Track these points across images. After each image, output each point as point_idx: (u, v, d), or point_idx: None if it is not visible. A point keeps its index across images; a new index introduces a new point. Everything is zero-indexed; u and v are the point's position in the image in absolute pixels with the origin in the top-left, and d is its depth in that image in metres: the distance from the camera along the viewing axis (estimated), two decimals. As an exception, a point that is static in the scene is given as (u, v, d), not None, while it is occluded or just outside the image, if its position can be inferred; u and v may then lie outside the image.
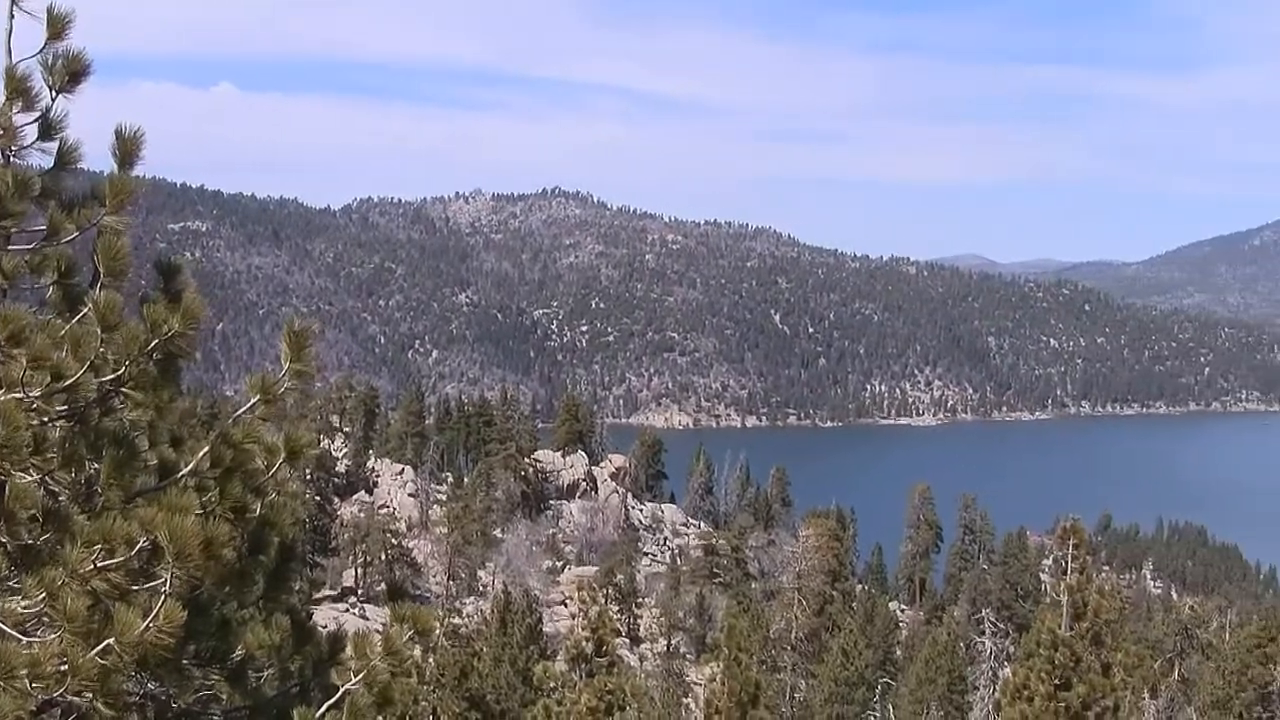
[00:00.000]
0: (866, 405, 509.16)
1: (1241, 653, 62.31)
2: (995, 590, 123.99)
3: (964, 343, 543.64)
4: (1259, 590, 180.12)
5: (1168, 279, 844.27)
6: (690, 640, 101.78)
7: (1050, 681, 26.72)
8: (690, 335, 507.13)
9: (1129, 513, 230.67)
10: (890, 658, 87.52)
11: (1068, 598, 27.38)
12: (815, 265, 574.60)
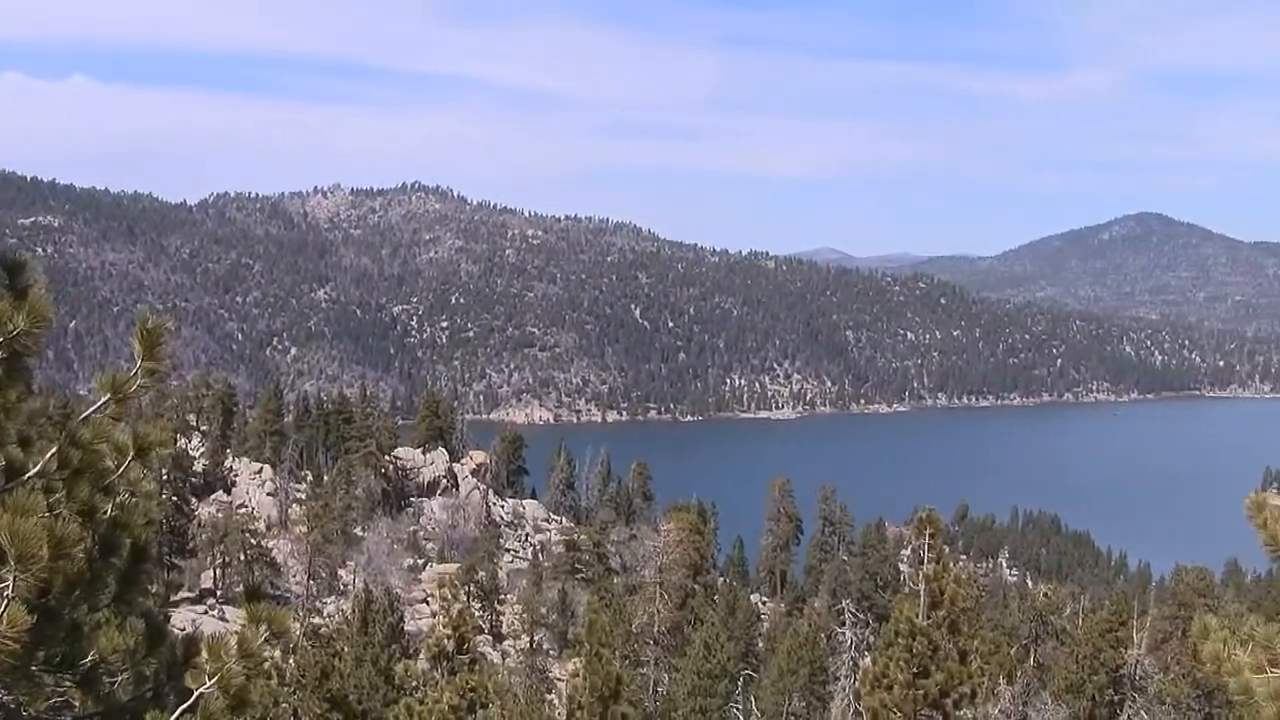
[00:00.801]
0: (726, 399, 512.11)
1: (1094, 637, 63.43)
2: (855, 581, 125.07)
3: (822, 336, 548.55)
4: (1110, 576, 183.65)
5: (1021, 273, 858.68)
6: (553, 636, 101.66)
7: (909, 670, 26.97)
8: (550, 330, 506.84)
9: (985, 503, 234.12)
10: (752, 650, 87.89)
11: (925, 587, 27.65)
12: (675, 260, 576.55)
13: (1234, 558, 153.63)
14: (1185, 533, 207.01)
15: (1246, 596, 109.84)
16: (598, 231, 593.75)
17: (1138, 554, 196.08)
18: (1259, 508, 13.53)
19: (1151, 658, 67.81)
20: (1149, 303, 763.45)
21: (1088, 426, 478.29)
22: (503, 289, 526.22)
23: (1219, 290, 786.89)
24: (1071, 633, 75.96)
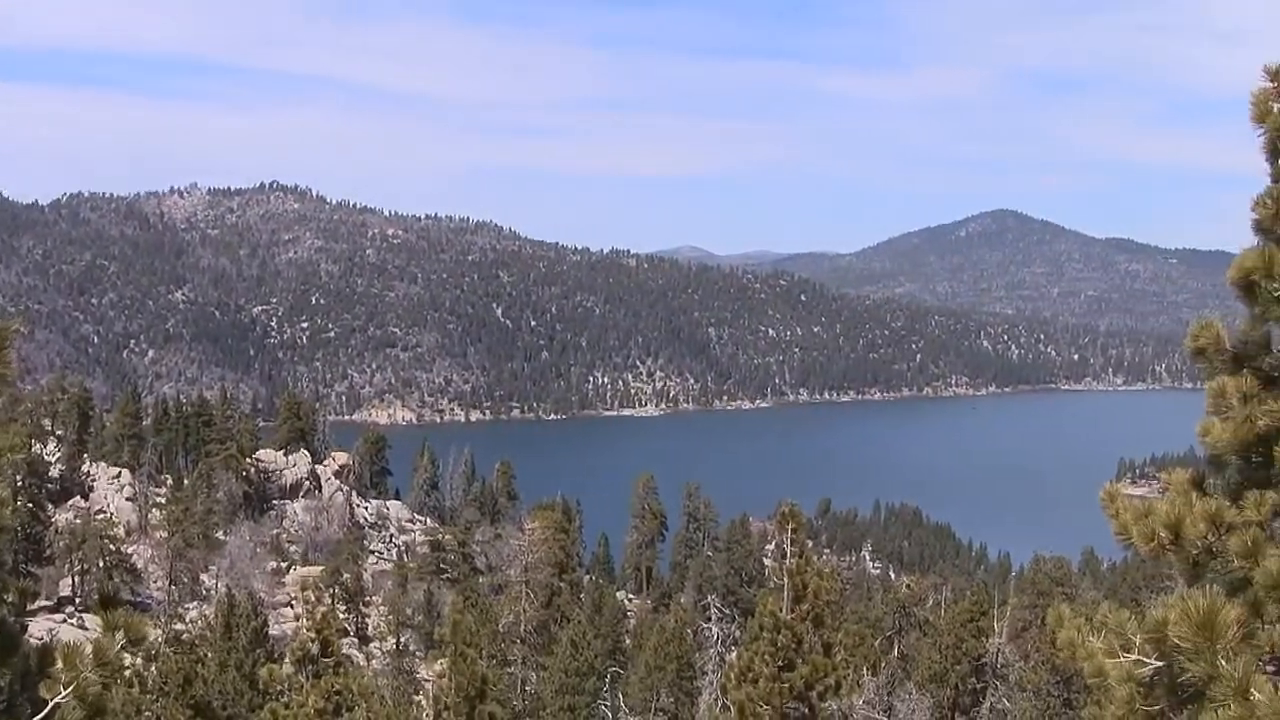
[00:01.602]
0: (590, 397, 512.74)
1: (956, 627, 64.32)
2: (720, 576, 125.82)
3: (684, 334, 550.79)
4: (971, 567, 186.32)
5: (880, 269, 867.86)
6: (419, 637, 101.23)
7: (774, 663, 27.16)
8: (412, 330, 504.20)
9: (848, 497, 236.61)
10: (619, 647, 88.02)
11: (788, 581, 27.86)
12: (537, 259, 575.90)
13: (1090, 547, 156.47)
14: (1043, 523, 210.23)
15: (1102, 584, 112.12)
16: (459, 230, 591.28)
17: (997, 545, 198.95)
18: (1112, 499, 13.84)
19: (1012, 646, 68.83)
20: (1005, 298, 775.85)
21: (947, 420, 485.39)
22: (363, 289, 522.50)
23: (1073, 286, 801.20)
24: (934, 623, 76.96)
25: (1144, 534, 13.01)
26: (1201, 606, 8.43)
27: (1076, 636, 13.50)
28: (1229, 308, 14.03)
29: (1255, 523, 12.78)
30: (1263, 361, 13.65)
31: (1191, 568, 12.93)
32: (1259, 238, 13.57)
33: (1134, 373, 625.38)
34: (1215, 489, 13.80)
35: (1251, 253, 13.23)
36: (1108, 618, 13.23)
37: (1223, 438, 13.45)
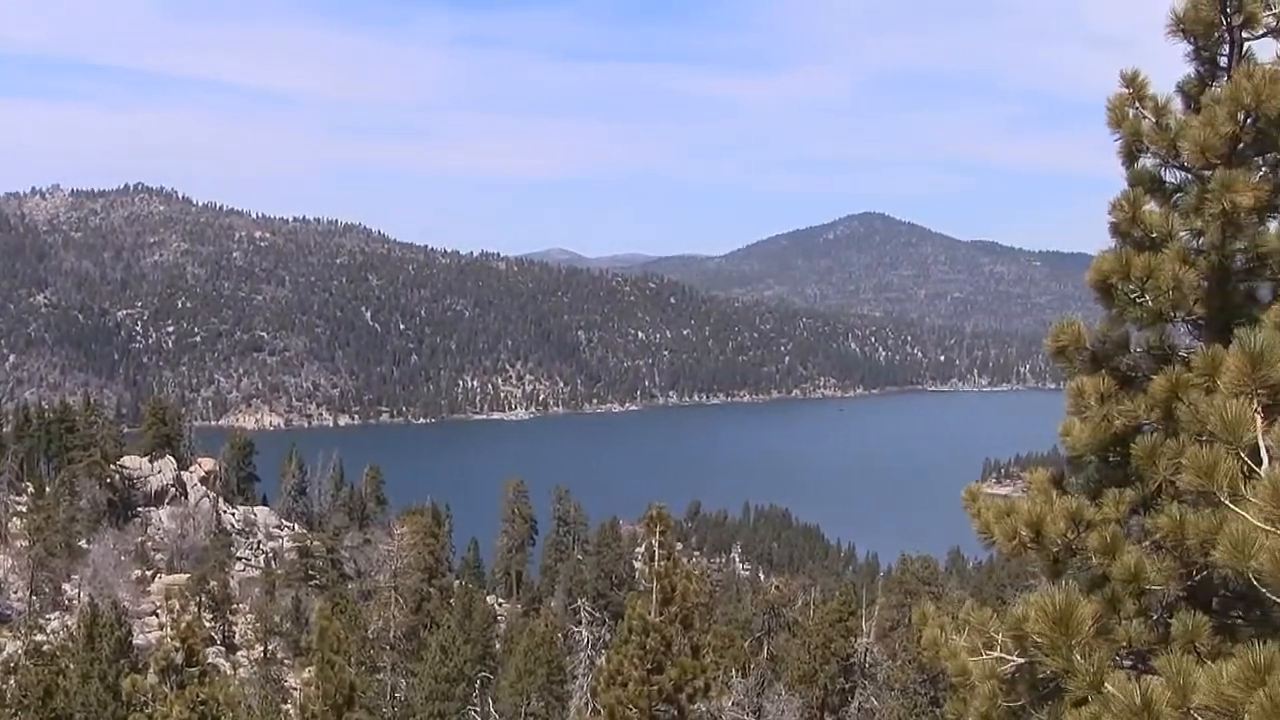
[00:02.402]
0: (459, 401, 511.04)
1: (824, 628, 64.84)
2: (590, 579, 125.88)
3: (554, 337, 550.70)
4: (840, 567, 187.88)
5: (749, 272, 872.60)
6: (287, 644, 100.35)
7: (643, 666, 27.25)
8: (280, 334, 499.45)
9: (717, 499, 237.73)
10: (490, 652, 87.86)
11: (656, 583, 27.97)
12: (406, 262, 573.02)
13: (957, 546, 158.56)
14: (911, 523, 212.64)
15: (968, 583, 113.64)
16: (327, 233, 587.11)
17: (866, 545, 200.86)
18: (973, 498, 14.05)
19: (880, 645, 69.62)
20: (873, 300, 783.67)
21: (816, 422, 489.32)
22: (230, 292, 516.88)
23: (939, 288, 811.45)
24: (803, 624, 77.44)
25: (1006, 533, 13.21)
26: (1058, 602, 8.59)
27: (940, 635, 13.69)
28: (1091, 309, 14.30)
29: (1113, 520, 13.02)
30: (1120, 362, 13.92)
31: (1052, 565, 13.15)
32: (1116, 240, 13.85)
33: (999, 374, 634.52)
34: (1075, 488, 14.05)
35: (1109, 255, 13.49)
36: (970, 616, 13.44)
37: (1082, 437, 13.70)
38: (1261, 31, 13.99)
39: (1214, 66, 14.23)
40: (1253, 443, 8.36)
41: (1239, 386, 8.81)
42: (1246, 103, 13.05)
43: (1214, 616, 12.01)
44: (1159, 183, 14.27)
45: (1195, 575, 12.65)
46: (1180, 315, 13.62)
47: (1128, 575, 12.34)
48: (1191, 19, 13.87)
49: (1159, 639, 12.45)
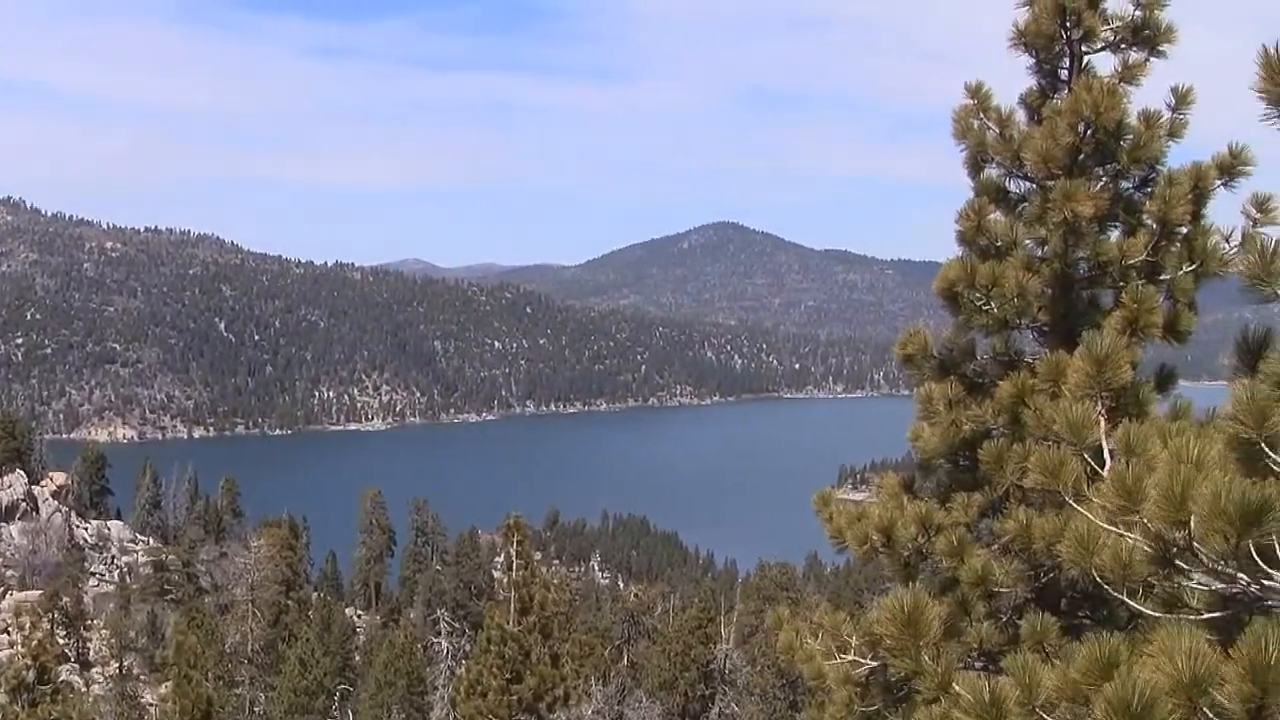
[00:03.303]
0: (315, 412, 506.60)
1: (684, 634, 65.12)
2: (450, 590, 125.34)
3: (410, 347, 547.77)
4: (698, 574, 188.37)
5: (605, 281, 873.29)
6: (143, 660, 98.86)
7: (502, 676, 27.30)
8: (132, 346, 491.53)
9: (575, 507, 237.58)
10: (349, 664, 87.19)
11: (514, 593, 28.03)
12: (260, 272, 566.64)
13: (814, 551, 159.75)
14: (769, 529, 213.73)
15: (826, 588, 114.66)
16: (180, 243, 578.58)
17: (724, 552, 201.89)
18: (825, 503, 14.25)
19: (739, 651, 69.94)
20: (727, 309, 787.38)
21: (672, 429, 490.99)
22: (81, 303, 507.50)
23: (793, 296, 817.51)
24: (663, 631, 77.65)
25: (857, 537, 13.43)
26: (906, 604, 8.75)
27: (796, 639, 13.87)
28: (943, 316, 14.55)
29: (962, 524, 13.29)
30: (967, 368, 14.20)
31: (904, 569, 13.39)
32: (962, 249, 14.13)
33: (853, 380, 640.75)
34: (926, 492, 14.31)
35: (955, 263, 13.76)
36: (825, 620, 13.63)
37: (931, 442, 13.96)
38: (1100, 45, 14.35)
39: (1055, 79, 14.57)
40: (1096, 444, 8.59)
41: (1083, 389, 9.04)
42: (1086, 114, 13.38)
43: (1062, 617, 12.28)
44: (1003, 192, 14.58)
45: (1043, 577, 12.95)
46: (1025, 322, 13.93)
47: (976, 578, 12.60)
48: (1033, 32, 14.18)
49: (1009, 640, 12.72)
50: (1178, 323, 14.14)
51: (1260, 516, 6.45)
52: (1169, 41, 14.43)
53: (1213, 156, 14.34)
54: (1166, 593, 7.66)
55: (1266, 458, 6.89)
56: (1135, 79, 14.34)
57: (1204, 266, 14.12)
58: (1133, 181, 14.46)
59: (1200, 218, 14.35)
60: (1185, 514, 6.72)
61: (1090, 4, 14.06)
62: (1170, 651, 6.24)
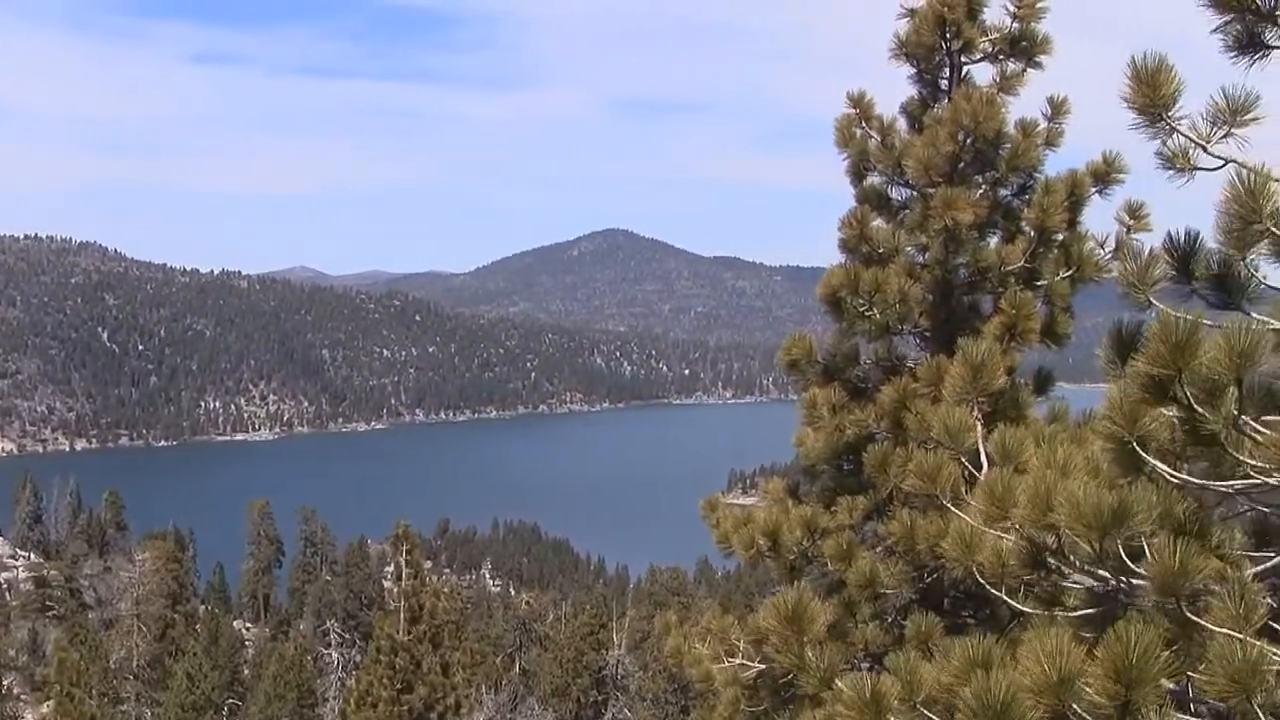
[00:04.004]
0: (202, 423, 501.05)
1: (576, 641, 65.32)
2: (339, 600, 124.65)
3: (298, 356, 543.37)
4: (590, 581, 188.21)
5: (494, 288, 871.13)
6: (23, 679, 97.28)
7: (393, 686, 27.25)
8: (11, 357, 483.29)
9: (466, 515, 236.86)
10: (238, 677, 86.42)
11: (403, 602, 27.98)
12: (144, 281, 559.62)
13: (705, 556, 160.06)
14: (660, 535, 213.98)
15: (717, 592, 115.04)
16: (61, 252, 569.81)
17: (615, 558, 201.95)
18: (712, 508, 14.40)
19: (631, 657, 70.19)
20: (617, 315, 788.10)
21: (562, 436, 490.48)
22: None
23: (683, 303, 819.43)
24: (555, 638, 77.82)
25: (744, 542, 13.59)
26: (790, 601, 8.89)
27: (684, 643, 13.99)
28: (829, 322, 14.74)
29: (847, 527, 13.49)
30: (851, 373, 14.41)
31: (790, 573, 13.56)
32: (845, 256, 14.33)
33: (743, 386, 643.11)
34: (811, 496, 14.49)
35: (838, 270, 13.97)
36: (713, 623, 13.77)
37: (816, 447, 14.15)
38: (979, 56, 14.61)
39: (935, 89, 14.82)
40: (974, 448, 8.77)
41: (961, 394, 9.22)
42: (966, 123, 13.63)
43: (945, 617, 12.49)
44: (885, 199, 14.82)
45: (926, 578, 13.16)
46: (907, 328, 14.16)
47: (862, 580, 12.79)
48: (914, 43, 14.41)
49: (894, 641, 12.92)
50: (1055, 327, 14.45)
51: (1120, 519, 6.65)
52: (1045, 52, 14.73)
53: (1087, 164, 14.66)
54: (1045, 591, 7.84)
55: (1139, 458, 7.08)
56: (1013, 89, 14.63)
57: (1080, 272, 14.44)
58: (1011, 189, 14.75)
59: (1076, 224, 14.67)
60: (1053, 518, 6.91)
61: (969, 15, 14.31)
62: (1037, 651, 6.40)
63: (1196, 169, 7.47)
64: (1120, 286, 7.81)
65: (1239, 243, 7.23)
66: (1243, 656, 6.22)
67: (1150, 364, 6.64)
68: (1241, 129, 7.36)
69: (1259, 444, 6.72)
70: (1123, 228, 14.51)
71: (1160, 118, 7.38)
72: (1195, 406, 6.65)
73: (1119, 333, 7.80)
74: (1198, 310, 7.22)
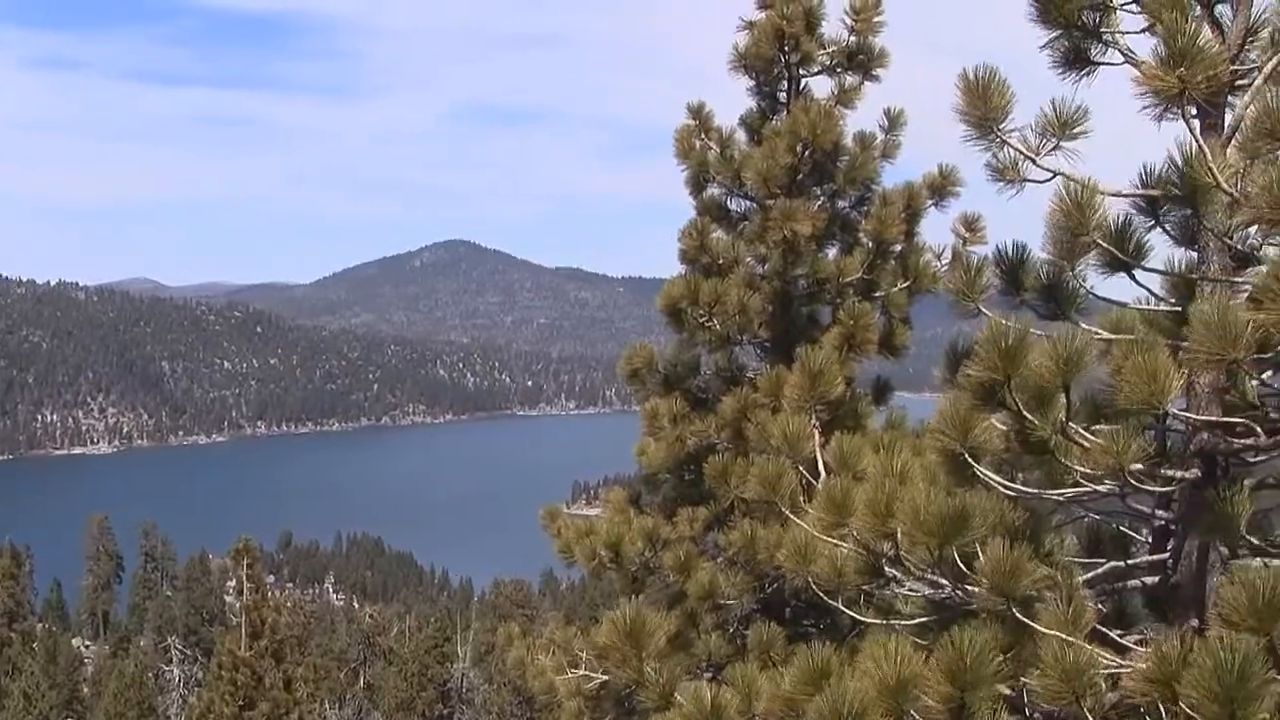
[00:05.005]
0: (38, 436, 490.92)
1: (420, 654, 64.91)
2: (181, 616, 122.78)
3: (137, 368, 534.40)
4: (434, 594, 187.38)
5: (336, 299, 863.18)
6: None
7: (234, 702, 26.91)
8: None
9: (309, 529, 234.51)
10: (77, 696, 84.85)
11: (245, 617, 27.66)
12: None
13: (550, 567, 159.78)
14: (504, 547, 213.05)
15: (562, 603, 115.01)
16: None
17: (459, 570, 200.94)
18: (553, 518, 14.38)
19: (476, 670, 69.93)
20: (460, 327, 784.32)
21: (406, 448, 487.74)
22: None
23: (525, 314, 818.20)
24: (399, 651, 77.25)
25: (586, 553, 13.59)
26: (629, 616, 8.90)
27: (526, 656, 13.96)
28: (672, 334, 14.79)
29: (688, 537, 13.53)
30: (692, 384, 14.48)
31: (632, 584, 13.58)
32: (686, 267, 14.39)
33: (586, 397, 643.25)
34: (653, 507, 14.53)
35: (678, 281, 14.03)
36: (555, 635, 13.75)
37: (657, 457, 14.19)
38: (817, 69, 14.76)
39: (774, 101, 14.95)
40: (812, 456, 8.84)
41: (799, 403, 9.30)
42: (804, 135, 13.76)
43: (787, 626, 12.60)
44: (725, 211, 14.92)
45: (768, 588, 13.25)
46: (747, 338, 14.26)
47: (704, 591, 12.84)
48: (753, 55, 14.52)
49: (736, 651, 12.98)
50: (893, 337, 14.64)
51: (959, 526, 6.74)
52: (882, 66, 14.93)
53: (924, 177, 14.88)
54: (883, 600, 7.93)
55: (971, 467, 7.18)
56: (851, 102, 14.80)
57: (917, 283, 14.64)
58: (849, 201, 14.92)
59: (914, 236, 14.87)
60: (891, 526, 6.99)
61: (808, 29, 14.45)
62: (877, 658, 6.46)
63: (1026, 181, 7.61)
64: (949, 295, 7.93)
65: (1067, 254, 7.38)
66: (1072, 659, 6.34)
67: (980, 371, 6.74)
68: (1070, 142, 7.50)
69: (1087, 451, 6.85)
70: (959, 240, 14.73)
71: (992, 131, 7.51)
72: (1025, 413, 6.75)
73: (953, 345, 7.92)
74: (1027, 320, 7.35)
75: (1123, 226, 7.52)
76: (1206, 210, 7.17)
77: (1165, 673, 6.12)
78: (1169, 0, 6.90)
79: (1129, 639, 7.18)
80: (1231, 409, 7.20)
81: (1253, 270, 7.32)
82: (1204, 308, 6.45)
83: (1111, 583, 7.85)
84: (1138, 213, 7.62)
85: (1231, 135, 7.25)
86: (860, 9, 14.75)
